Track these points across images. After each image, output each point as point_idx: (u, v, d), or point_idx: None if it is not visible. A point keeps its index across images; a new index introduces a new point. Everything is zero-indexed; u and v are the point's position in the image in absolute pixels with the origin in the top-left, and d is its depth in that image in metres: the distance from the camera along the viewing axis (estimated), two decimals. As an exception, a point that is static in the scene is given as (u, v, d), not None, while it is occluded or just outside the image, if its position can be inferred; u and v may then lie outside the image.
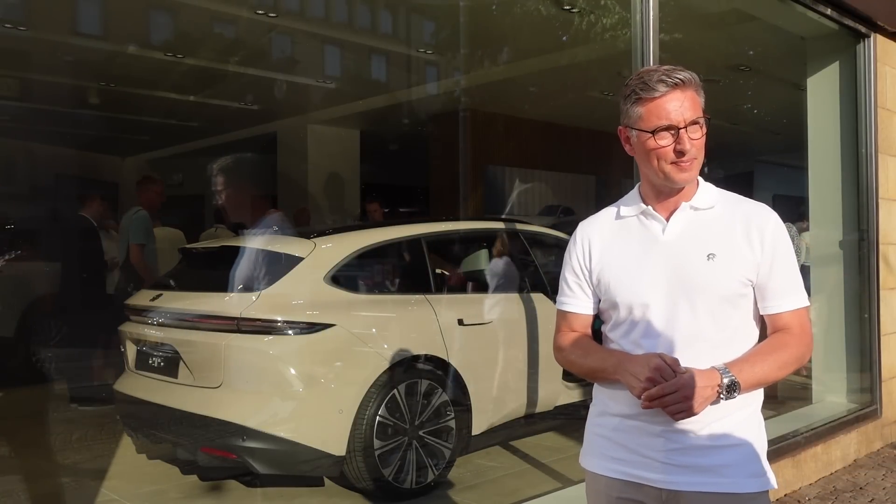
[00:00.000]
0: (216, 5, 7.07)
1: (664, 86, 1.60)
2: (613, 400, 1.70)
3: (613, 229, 1.75)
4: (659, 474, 1.62)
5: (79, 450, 4.99)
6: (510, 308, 4.75)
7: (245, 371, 3.81)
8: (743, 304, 1.64)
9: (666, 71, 1.62)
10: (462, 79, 9.39)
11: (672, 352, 1.59)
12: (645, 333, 1.65)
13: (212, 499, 4.12)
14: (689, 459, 1.60)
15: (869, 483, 4.52)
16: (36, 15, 6.89)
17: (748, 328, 1.67)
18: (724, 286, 1.61)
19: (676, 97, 1.60)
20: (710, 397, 1.53)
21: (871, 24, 5.20)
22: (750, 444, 1.62)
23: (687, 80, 1.62)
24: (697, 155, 1.63)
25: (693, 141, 1.61)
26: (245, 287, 4.00)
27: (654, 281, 1.64)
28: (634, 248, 1.69)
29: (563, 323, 1.83)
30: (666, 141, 1.61)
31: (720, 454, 1.60)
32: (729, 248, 1.62)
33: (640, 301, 1.65)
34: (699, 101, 1.65)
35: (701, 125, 1.63)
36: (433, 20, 8.16)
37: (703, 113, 1.65)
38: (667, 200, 1.69)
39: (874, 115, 5.20)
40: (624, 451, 1.67)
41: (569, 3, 6.54)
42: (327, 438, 3.76)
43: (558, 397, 4.82)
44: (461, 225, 5.84)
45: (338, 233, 4.65)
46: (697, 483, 1.59)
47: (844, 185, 5.30)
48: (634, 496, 1.67)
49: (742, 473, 1.60)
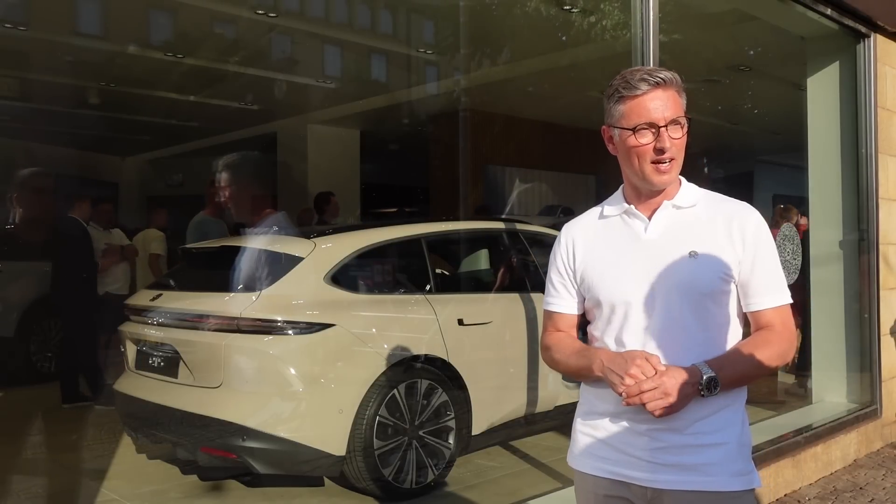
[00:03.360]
0: (216, 5, 7.07)
1: (646, 84, 1.62)
2: (599, 399, 1.72)
3: (597, 229, 1.77)
4: (644, 473, 1.64)
5: (79, 450, 4.99)
6: (510, 308, 4.75)
7: (245, 371, 3.81)
8: (725, 301, 1.66)
9: (648, 70, 1.64)
10: (462, 79, 9.38)
11: (654, 349, 1.62)
12: (628, 331, 1.66)
13: (212, 499, 4.12)
14: (673, 458, 1.61)
15: (869, 483, 4.52)
16: (36, 15, 6.89)
17: (732, 325, 1.68)
18: (705, 284, 1.63)
19: (658, 96, 1.62)
20: (690, 394, 1.55)
21: (872, 24, 5.20)
22: (733, 443, 1.64)
23: (668, 80, 1.64)
24: (677, 155, 1.65)
25: (673, 140, 1.63)
26: (245, 287, 4.00)
27: (637, 279, 1.66)
28: (617, 247, 1.71)
29: (549, 323, 1.87)
30: (646, 139, 1.62)
31: (704, 453, 1.61)
32: (710, 245, 1.64)
33: (623, 299, 1.67)
34: (681, 101, 1.67)
35: (682, 125, 1.64)
36: (433, 20, 8.16)
37: (685, 114, 1.66)
38: (649, 200, 1.70)
39: (874, 115, 5.20)
40: (610, 449, 1.69)
41: (569, 3, 6.54)
42: (327, 438, 3.76)
43: (558, 397, 4.82)
44: (461, 225, 5.83)
45: (338, 233, 4.65)
46: (681, 482, 1.61)
47: (844, 185, 5.30)
48: (621, 494, 1.68)
49: (726, 472, 1.61)
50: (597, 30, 6.90)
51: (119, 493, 4.12)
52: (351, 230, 4.77)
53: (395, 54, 8.87)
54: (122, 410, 4.47)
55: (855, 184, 5.26)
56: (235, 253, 4.20)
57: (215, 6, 7.08)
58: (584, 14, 6.78)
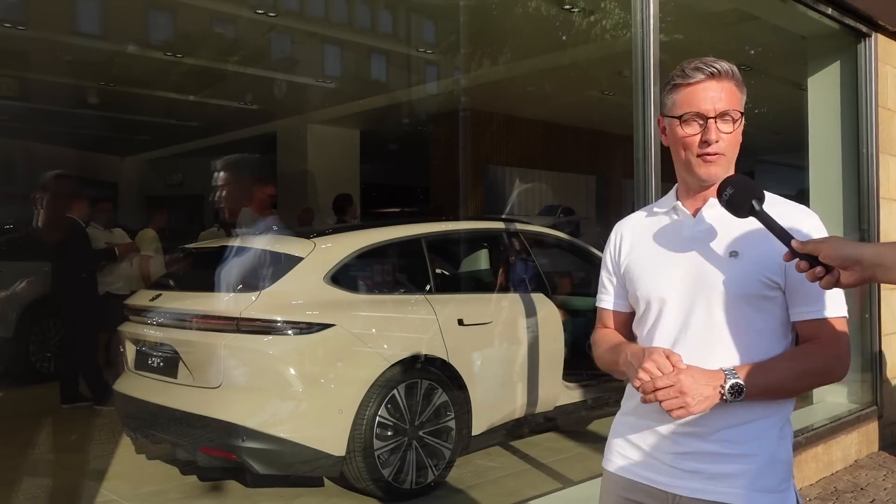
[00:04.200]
0: (216, 5, 7.07)
1: (699, 73, 1.57)
2: (628, 397, 1.70)
3: (644, 225, 1.73)
4: (664, 477, 1.58)
5: (79, 450, 4.98)
6: (510, 308, 4.75)
7: (245, 371, 3.80)
8: (767, 307, 1.55)
9: (704, 60, 1.58)
10: (462, 79, 9.38)
11: (684, 350, 1.54)
12: (659, 329, 1.62)
13: (212, 499, 4.11)
14: (695, 465, 1.55)
15: (870, 484, 4.51)
16: (36, 15, 6.89)
17: (774, 335, 1.56)
18: (742, 286, 1.53)
19: (710, 86, 1.57)
20: (710, 397, 1.46)
21: (872, 24, 5.19)
22: (765, 457, 1.53)
23: (724, 71, 1.58)
24: (726, 151, 1.58)
25: (722, 134, 1.56)
26: (245, 287, 4.00)
27: (673, 277, 1.61)
28: (660, 244, 1.66)
29: (598, 320, 1.83)
30: (692, 129, 1.57)
31: (729, 463, 1.52)
32: (755, 247, 1.53)
33: (658, 296, 1.62)
34: (738, 95, 1.60)
35: (734, 120, 1.57)
36: (433, 20, 8.16)
37: (741, 110, 1.59)
38: (697, 196, 1.64)
39: (875, 115, 5.19)
40: (635, 450, 1.65)
41: (569, 3, 6.54)
42: (327, 438, 3.75)
43: (558, 397, 4.82)
44: (461, 225, 5.83)
45: (338, 233, 4.64)
46: (701, 490, 1.53)
47: (845, 185, 5.30)
48: (639, 499, 1.63)
49: (751, 486, 1.51)
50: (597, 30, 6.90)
51: (119, 493, 4.12)
52: (351, 230, 4.76)
53: (395, 54, 8.87)
54: (122, 411, 4.46)
55: (856, 183, 5.25)
56: (235, 253, 4.20)
57: (215, 6, 7.07)
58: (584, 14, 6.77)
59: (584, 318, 5.67)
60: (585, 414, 5.09)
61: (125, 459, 4.65)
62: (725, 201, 1.48)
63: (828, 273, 1.33)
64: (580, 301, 5.71)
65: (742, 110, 1.60)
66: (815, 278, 1.34)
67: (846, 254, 1.32)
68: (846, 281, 1.32)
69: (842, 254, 1.32)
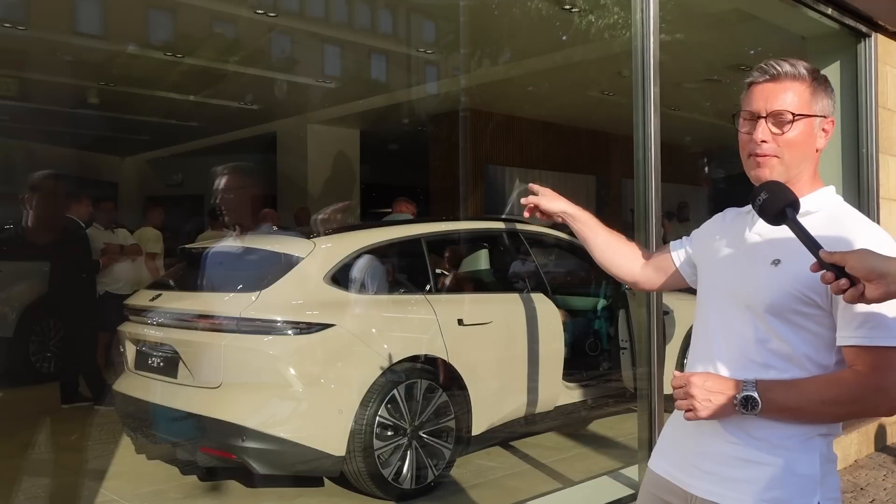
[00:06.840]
0: (216, 5, 7.06)
1: (762, 74, 1.56)
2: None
3: (723, 222, 1.73)
4: (686, 476, 1.58)
5: (79, 450, 4.98)
6: (510, 308, 4.75)
7: (245, 371, 3.80)
8: (802, 323, 1.45)
9: (771, 60, 1.56)
10: (462, 79, 9.38)
11: (715, 354, 1.54)
12: (699, 328, 1.63)
13: (212, 499, 4.11)
14: (713, 466, 1.53)
15: (870, 484, 4.51)
16: (36, 15, 6.88)
17: (808, 356, 1.46)
18: (775, 297, 1.46)
19: (769, 87, 1.54)
20: (721, 405, 1.44)
21: (872, 24, 5.19)
22: (780, 466, 1.46)
23: (785, 73, 1.54)
24: (780, 153, 1.52)
25: (774, 135, 1.52)
26: (245, 287, 4.00)
27: (719, 277, 1.61)
28: (723, 242, 1.66)
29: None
30: (745, 128, 1.57)
31: (742, 468, 1.49)
32: (798, 258, 1.39)
33: (703, 298, 1.65)
34: (807, 97, 1.54)
35: (787, 121, 1.51)
36: (433, 20, 8.16)
37: (802, 112, 1.52)
38: None
39: (875, 115, 5.19)
40: (671, 447, 1.66)
41: (569, 3, 6.53)
42: (327, 438, 3.75)
43: (558, 397, 4.82)
44: (461, 225, 5.83)
45: (338, 233, 4.64)
46: (714, 493, 1.52)
47: (845, 185, 5.30)
48: (664, 496, 1.63)
49: (759, 496, 1.46)
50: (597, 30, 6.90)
51: (119, 493, 4.11)
52: (351, 230, 4.76)
53: (395, 54, 8.86)
54: (122, 410, 4.46)
55: (856, 184, 5.25)
56: (235, 253, 4.20)
57: (215, 6, 7.07)
58: (584, 14, 6.77)
59: (584, 318, 5.67)
60: (585, 414, 5.09)
61: (125, 459, 4.65)
62: (759, 207, 1.42)
63: (853, 286, 1.25)
64: (580, 301, 5.71)
65: (810, 113, 1.53)
66: (839, 290, 1.27)
67: (872, 266, 1.25)
68: (870, 295, 1.24)
69: (868, 265, 1.25)
